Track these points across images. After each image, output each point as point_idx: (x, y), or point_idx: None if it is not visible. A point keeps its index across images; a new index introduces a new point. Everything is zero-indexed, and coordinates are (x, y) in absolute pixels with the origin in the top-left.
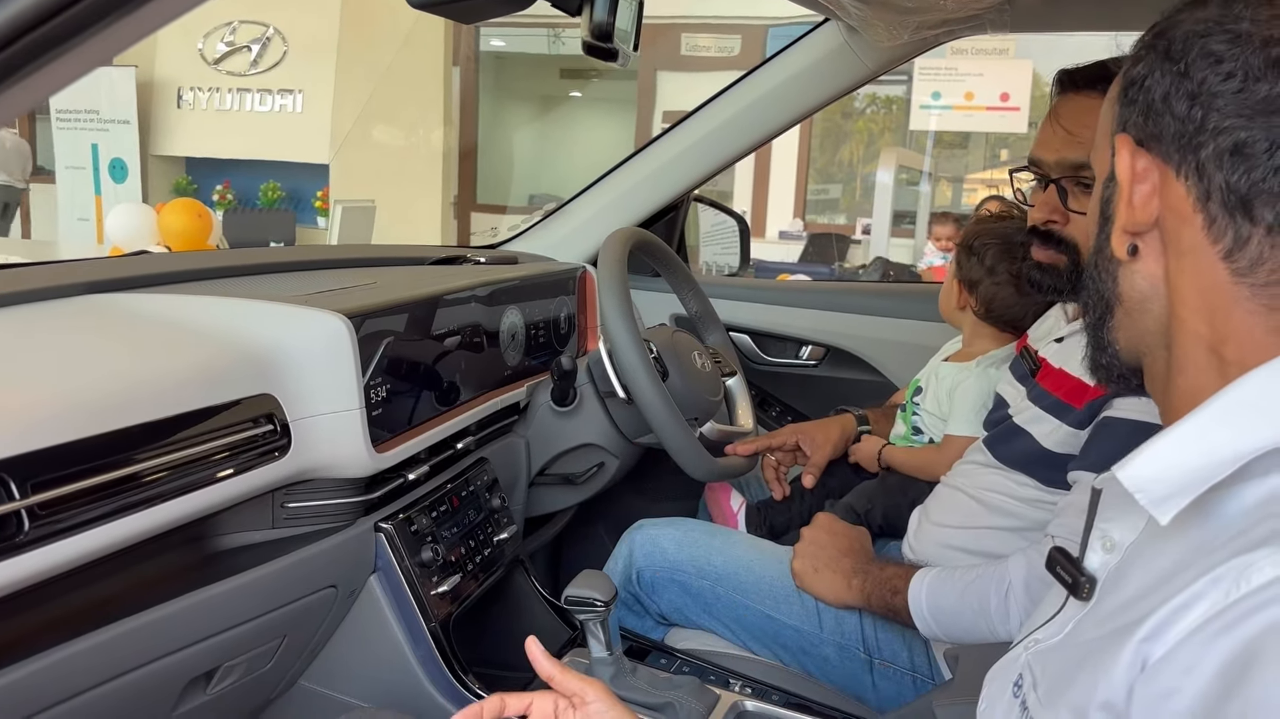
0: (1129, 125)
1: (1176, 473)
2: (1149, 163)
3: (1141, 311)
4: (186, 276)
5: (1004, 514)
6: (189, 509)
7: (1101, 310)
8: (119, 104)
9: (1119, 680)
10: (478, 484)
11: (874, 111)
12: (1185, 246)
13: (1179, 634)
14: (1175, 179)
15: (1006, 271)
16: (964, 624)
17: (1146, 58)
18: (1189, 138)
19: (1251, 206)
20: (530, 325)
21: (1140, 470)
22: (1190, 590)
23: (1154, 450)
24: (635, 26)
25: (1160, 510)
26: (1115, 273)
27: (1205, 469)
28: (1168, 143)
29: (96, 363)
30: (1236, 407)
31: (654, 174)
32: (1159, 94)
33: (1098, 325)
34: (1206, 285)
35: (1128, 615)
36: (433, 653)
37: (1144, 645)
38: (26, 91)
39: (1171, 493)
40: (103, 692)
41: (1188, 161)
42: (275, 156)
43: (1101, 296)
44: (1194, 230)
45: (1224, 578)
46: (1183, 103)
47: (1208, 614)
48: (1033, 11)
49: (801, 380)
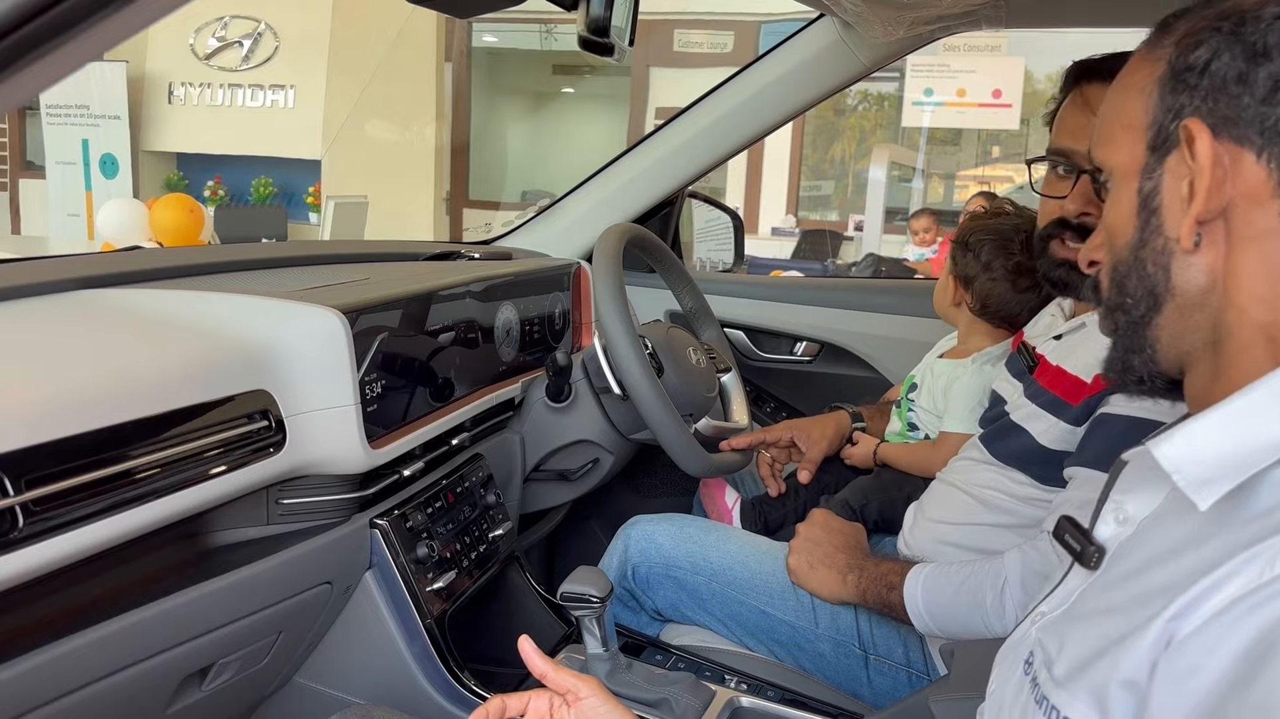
0: (1193, 110)
1: (1217, 455)
2: (1222, 147)
3: (1195, 305)
4: (180, 272)
5: (1000, 511)
6: (184, 505)
7: (1148, 307)
8: (110, 99)
9: (1143, 657)
10: (473, 480)
11: (866, 108)
12: (1256, 232)
13: (1207, 613)
14: (1254, 162)
15: (1002, 268)
16: (959, 620)
17: (1209, 40)
18: (1275, 121)
19: None
20: (525, 321)
21: (1179, 450)
22: (1223, 569)
23: (1193, 431)
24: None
25: (1201, 495)
26: (1168, 265)
27: (1249, 454)
28: (1248, 125)
29: (91, 359)
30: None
31: (648, 170)
32: (1232, 76)
33: (1140, 324)
34: (1279, 272)
35: (1140, 587)
36: (428, 649)
37: (1172, 623)
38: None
39: (1212, 477)
40: (98, 688)
41: (1271, 145)
42: (267, 152)
43: (1150, 292)
44: (1269, 215)
45: (1259, 557)
46: (1264, 85)
47: (1237, 594)
48: (1027, 7)
49: (796, 376)
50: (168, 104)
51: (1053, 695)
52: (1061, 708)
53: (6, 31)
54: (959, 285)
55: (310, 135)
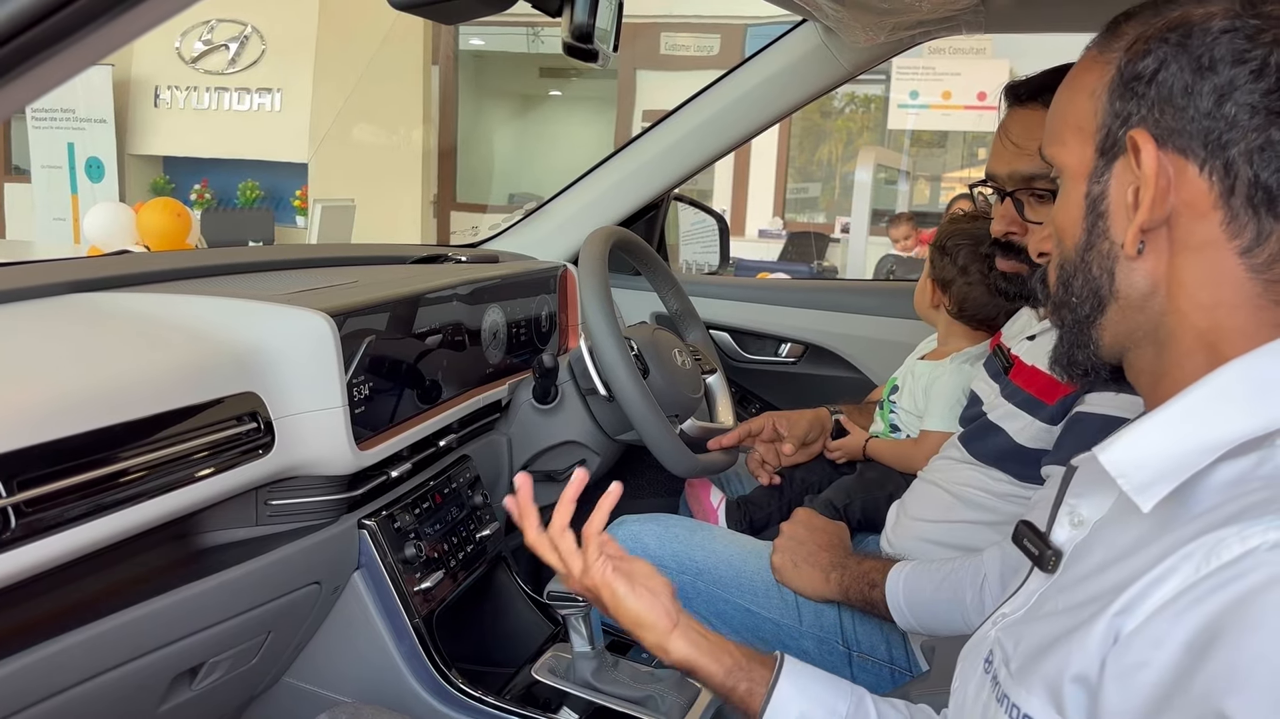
0: (1140, 120)
1: (1158, 459)
2: (1166, 158)
3: (1137, 308)
4: (168, 276)
5: (980, 509)
6: (173, 506)
7: (1092, 307)
8: (95, 103)
9: (1093, 654)
10: (460, 481)
11: (853, 110)
12: (1197, 242)
13: (1151, 608)
14: (1197, 174)
15: (979, 272)
16: (940, 616)
17: (1157, 50)
18: (1218, 134)
19: (1276, 203)
20: (512, 324)
21: (1122, 454)
22: (1163, 565)
23: (1134, 435)
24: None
25: (1143, 498)
26: (1113, 269)
27: (1186, 456)
28: (1191, 138)
29: (80, 362)
30: (1217, 396)
31: (634, 173)
32: (1178, 88)
33: (1085, 323)
34: (1218, 281)
35: (1094, 587)
36: (416, 649)
37: (1117, 619)
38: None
39: (1153, 479)
40: (88, 688)
41: (1215, 158)
42: (254, 155)
43: (1094, 294)
44: (1209, 226)
45: (1195, 553)
46: (1209, 99)
47: (1178, 588)
48: (1006, 12)
49: (781, 377)
50: (154, 107)
51: (1012, 693)
52: (1021, 705)
53: (4, 40)
54: (936, 288)
55: (297, 139)
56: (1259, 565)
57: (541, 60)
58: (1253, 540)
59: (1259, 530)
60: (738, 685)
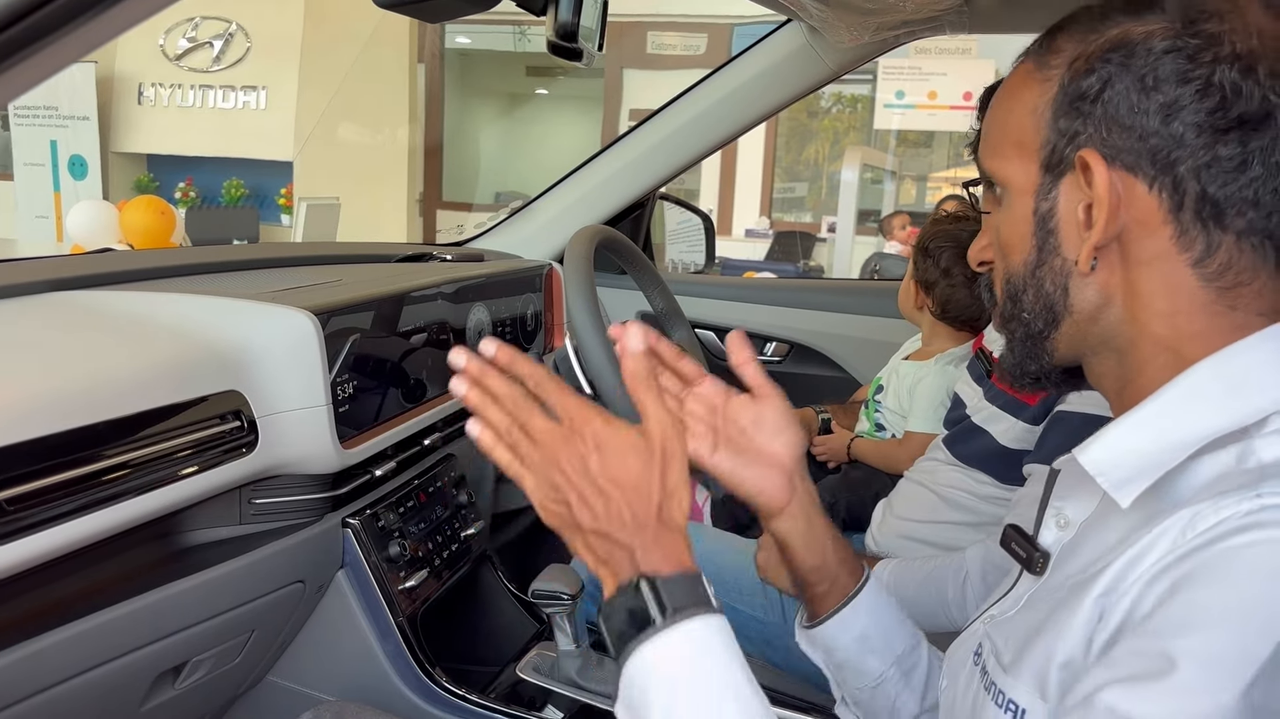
0: (1087, 139)
1: (1134, 457)
2: (1115, 175)
3: (1091, 319)
4: (152, 274)
5: (964, 509)
6: (156, 505)
7: (1045, 322)
8: (78, 100)
9: (1079, 635)
10: (445, 480)
11: (840, 110)
12: (1148, 256)
13: (1131, 580)
14: (1147, 192)
15: (961, 274)
16: (923, 613)
17: (1100, 69)
18: (1166, 152)
19: (1224, 215)
20: (497, 322)
21: (1100, 454)
22: (1142, 543)
23: (1112, 435)
24: (600, 25)
25: (1121, 494)
26: (1066, 284)
27: (1162, 453)
28: (1139, 156)
29: (63, 360)
30: (1190, 395)
31: (620, 172)
32: (1124, 107)
33: (1039, 337)
34: (1173, 291)
35: (1082, 578)
36: (400, 647)
37: (1102, 599)
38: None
39: (1131, 477)
40: (71, 686)
41: (1164, 175)
42: (238, 154)
43: (1048, 309)
44: (1160, 240)
45: (1172, 528)
46: (1155, 117)
47: (1156, 559)
48: (990, 13)
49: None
50: (137, 105)
51: (1000, 681)
52: (1007, 691)
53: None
54: (920, 290)
55: (282, 137)
56: (1231, 530)
57: (528, 59)
58: (1226, 510)
59: (1232, 502)
60: (818, 584)
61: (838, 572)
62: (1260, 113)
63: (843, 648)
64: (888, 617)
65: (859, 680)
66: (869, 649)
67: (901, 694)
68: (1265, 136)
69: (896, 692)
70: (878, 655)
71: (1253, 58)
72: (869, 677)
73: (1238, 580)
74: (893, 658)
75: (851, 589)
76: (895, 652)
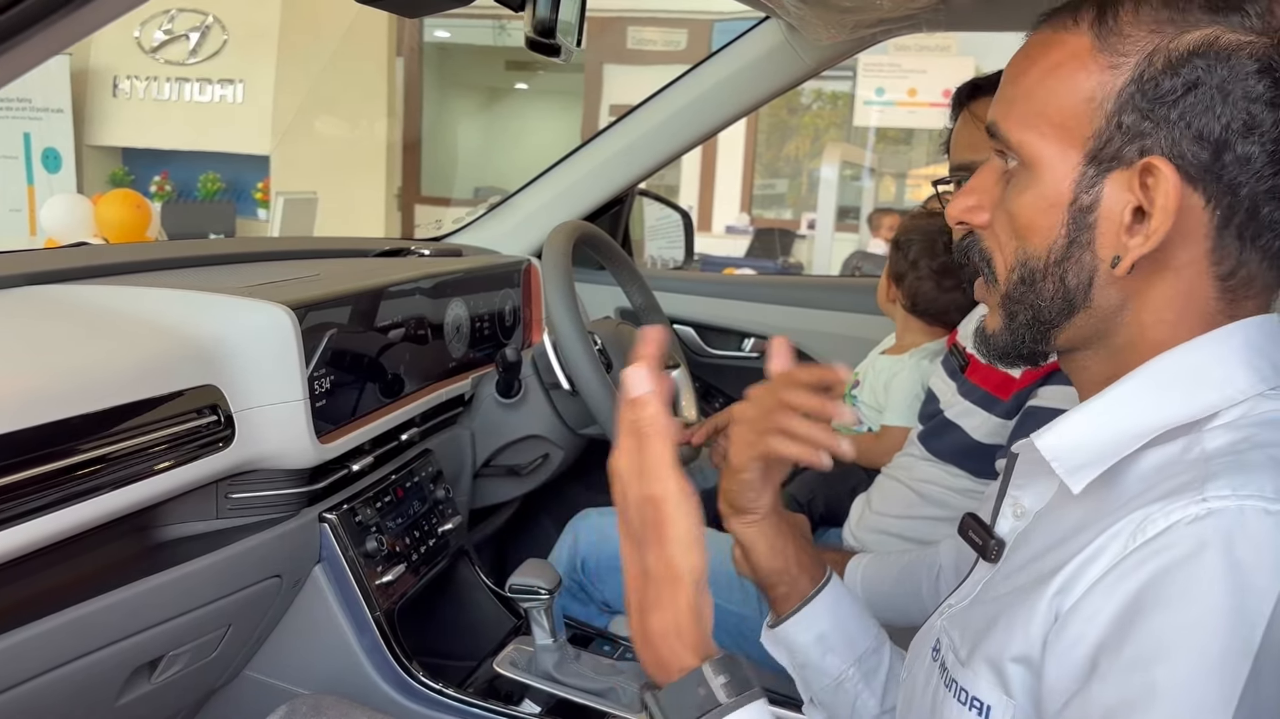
0: (1156, 144)
1: (1090, 444)
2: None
3: (1103, 318)
4: (127, 268)
5: (939, 504)
6: (132, 499)
7: (1059, 312)
8: (52, 92)
9: (1035, 634)
10: (422, 475)
11: (820, 107)
12: (1178, 263)
13: (1085, 586)
14: (1201, 206)
15: (928, 267)
16: (898, 607)
17: (1186, 73)
18: (1235, 173)
19: (1262, 236)
20: (475, 318)
21: (1057, 440)
22: (1094, 545)
23: (1070, 423)
24: (579, 21)
25: (1074, 479)
26: (1090, 280)
27: (1116, 442)
28: (1205, 171)
29: (37, 354)
30: (1148, 385)
31: (599, 168)
32: (1204, 119)
33: (1048, 325)
34: (1189, 300)
35: (1034, 571)
36: (377, 642)
37: (1056, 599)
38: None
39: (1085, 463)
40: (46, 680)
41: (1225, 195)
42: (215, 147)
43: (1066, 300)
44: (1195, 251)
45: (1122, 532)
46: (1235, 136)
47: (1108, 565)
48: (967, 11)
49: (744, 372)
50: (113, 98)
51: (960, 677)
52: (969, 688)
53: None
54: (892, 283)
55: (259, 130)
56: (1180, 539)
57: (507, 53)
58: (1174, 516)
59: (1179, 507)
60: (778, 586)
61: (798, 575)
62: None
63: (803, 648)
64: (849, 618)
65: (820, 680)
66: (829, 648)
67: (862, 694)
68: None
69: (857, 692)
70: (838, 655)
71: None
72: (829, 676)
73: (1201, 598)
74: (853, 658)
75: (811, 591)
76: (856, 652)
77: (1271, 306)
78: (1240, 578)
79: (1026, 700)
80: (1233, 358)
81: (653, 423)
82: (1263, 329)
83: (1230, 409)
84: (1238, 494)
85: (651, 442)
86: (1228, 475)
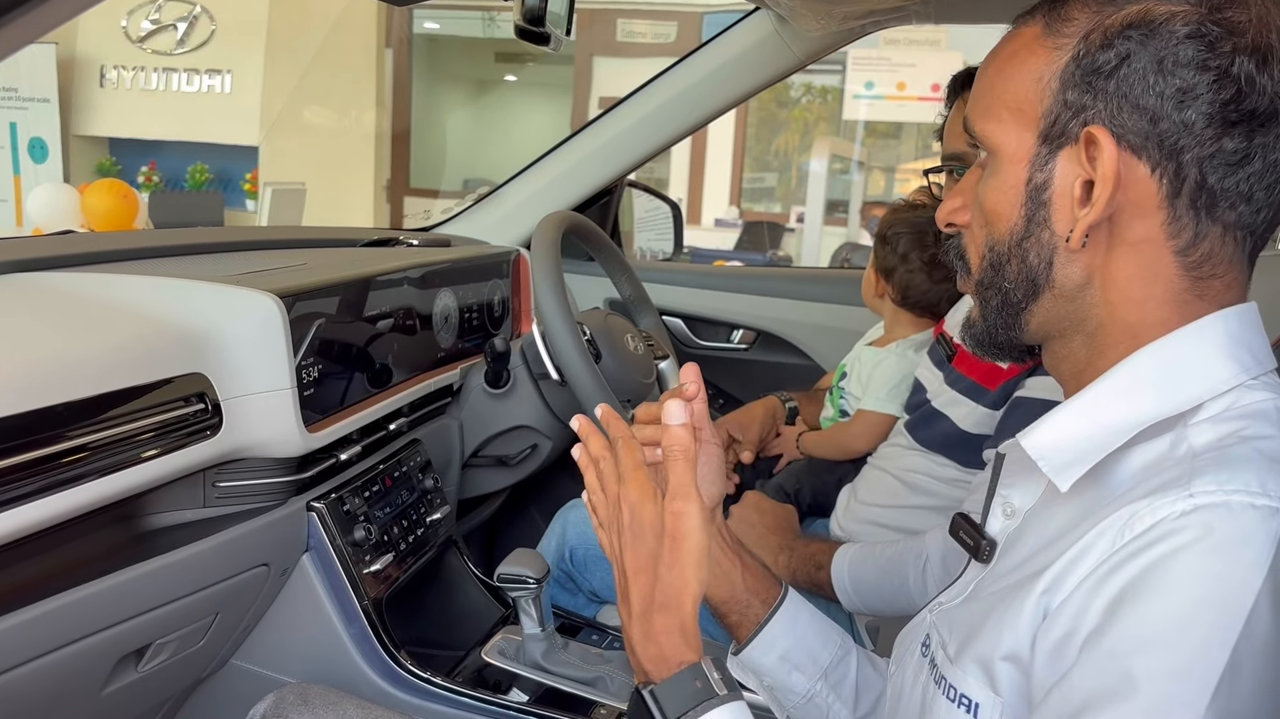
0: (1096, 114)
1: (1075, 442)
2: (1120, 156)
3: (1069, 298)
4: (114, 256)
5: (925, 494)
6: (119, 487)
7: (1025, 294)
8: (38, 82)
9: (1024, 633)
10: (410, 465)
11: (810, 100)
12: (1135, 239)
13: (1074, 583)
14: (1148, 175)
15: (918, 260)
16: (884, 597)
17: (1119, 45)
18: (1174, 138)
19: (1216, 207)
20: (464, 308)
21: (1042, 439)
22: (1082, 543)
23: (1055, 421)
24: (568, 11)
25: (1061, 477)
26: (1051, 259)
27: (1101, 439)
28: (1147, 139)
29: (24, 341)
30: (1130, 380)
31: (588, 159)
32: (1139, 88)
33: (1016, 308)
34: (1151, 277)
35: (1025, 570)
36: (365, 631)
37: (1044, 598)
38: None
39: (1071, 461)
40: (32, 668)
41: (1167, 161)
42: (203, 138)
43: (1030, 281)
44: (1151, 225)
45: (1110, 528)
46: (1169, 102)
47: (1097, 562)
48: (956, 4)
49: (733, 364)
50: (99, 87)
51: (949, 674)
52: (958, 685)
53: None
54: (880, 278)
55: (247, 121)
56: (1168, 533)
57: (497, 45)
58: (1162, 511)
59: (1167, 503)
60: (729, 614)
61: (749, 600)
62: (1269, 109)
63: (769, 670)
64: (808, 634)
65: (790, 699)
66: (793, 666)
67: (834, 706)
68: (1270, 133)
69: (828, 704)
70: (803, 672)
71: (1270, 51)
72: (798, 693)
73: (1183, 590)
74: (819, 672)
75: (764, 615)
76: (821, 666)
77: (1244, 289)
78: (1223, 571)
79: (1015, 698)
80: (1213, 349)
81: (685, 449)
82: (1242, 319)
83: (1214, 401)
84: (1224, 489)
85: (679, 464)
86: (1214, 471)
